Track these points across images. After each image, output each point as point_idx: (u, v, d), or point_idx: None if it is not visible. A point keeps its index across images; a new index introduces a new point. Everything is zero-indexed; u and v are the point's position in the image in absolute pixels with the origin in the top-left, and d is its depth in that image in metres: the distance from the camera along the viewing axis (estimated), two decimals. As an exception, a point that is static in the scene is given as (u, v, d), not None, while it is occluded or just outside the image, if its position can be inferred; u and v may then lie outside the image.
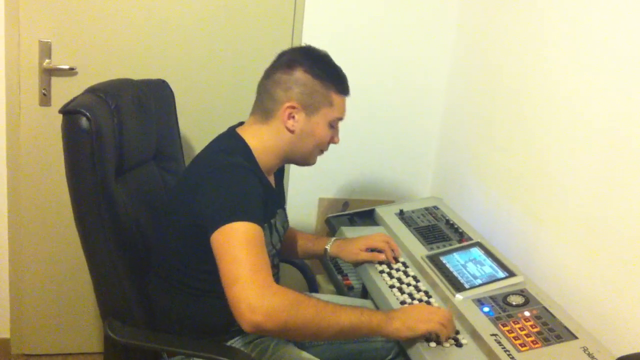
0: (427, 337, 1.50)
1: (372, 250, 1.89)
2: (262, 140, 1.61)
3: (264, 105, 1.62)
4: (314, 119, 1.60)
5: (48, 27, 2.30)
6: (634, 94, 1.60)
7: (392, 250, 1.91)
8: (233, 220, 1.36)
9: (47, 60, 2.32)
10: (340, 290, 2.05)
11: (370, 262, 1.88)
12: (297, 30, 2.50)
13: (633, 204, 1.59)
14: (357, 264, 1.91)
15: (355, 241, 1.91)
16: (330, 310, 1.38)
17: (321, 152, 1.70)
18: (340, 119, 1.67)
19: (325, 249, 1.92)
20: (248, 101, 1.69)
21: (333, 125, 1.65)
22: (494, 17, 2.35)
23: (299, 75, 1.58)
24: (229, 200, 1.41)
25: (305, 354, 1.65)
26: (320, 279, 2.47)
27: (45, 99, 2.35)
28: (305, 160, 1.69)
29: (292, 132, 1.60)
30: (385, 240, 1.91)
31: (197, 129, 2.45)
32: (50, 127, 2.35)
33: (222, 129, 1.70)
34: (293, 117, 1.59)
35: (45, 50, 2.31)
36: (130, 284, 1.58)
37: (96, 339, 2.61)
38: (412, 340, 1.50)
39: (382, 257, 1.87)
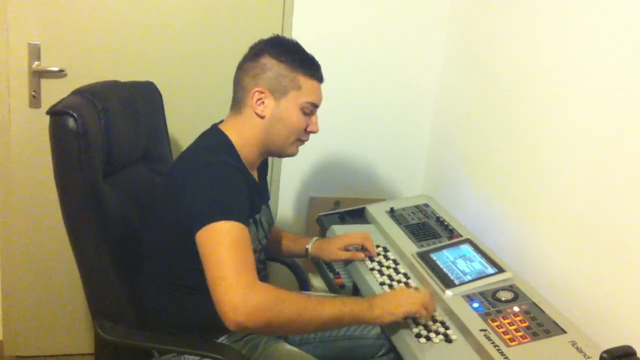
0: (417, 329, 1.53)
1: (353, 249, 1.91)
2: (239, 132, 1.62)
3: (236, 96, 1.65)
4: (282, 103, 1.60)
5: (37, 29, 2.29)
6: (625, 93, 1.61)
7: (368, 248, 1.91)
8: (217, 220, 1.37)
9: (36, 63, 2.32)
10: (332, 289, 2.06)
11: (351, 260, 1.89)
12: (287, 30, 2.50)
13: (621, 202, 1.60)
14: (347, 264, 1.92)
15: (333, 241, 1.92)
16: (313, 304, 1.40)
17: (301, 141, 1.69)
18: (314, 105, 1.65)
19: (306, 249, 1.94)
20: (236, 103, 1.69)
21: (306, 112, 1.63)
22: (485, 15, 2.35)
23: (265, 61, 1.60)
24: (213, 199, 1.42)
25: (295, 350, 1.65)
26: (312, 277, 2.48)
27: (35, 100, 2.35)
28: (283, 149, 1.68)
29: (262, 117, 1.61)
30: (362, 237, 1.91)
31: (186, 131, 2.43)
32: (40, 128, 2.35)
33: (211, 130, 1.70)
34: (262, 102, 1.60)
35: (35, 52, 2.31)
36: (120, 283, 1.59)
37: (88, 339, 2.61)
38: (399, 330, 1.52)
39: (360, 256, 1.88)
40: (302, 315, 1.37)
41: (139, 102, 1.86)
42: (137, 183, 1.81)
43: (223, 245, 1.35)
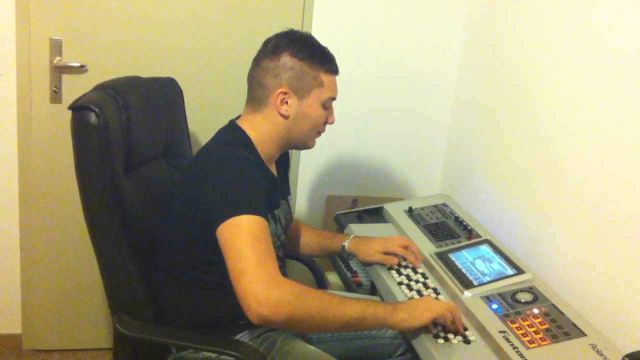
0: (436, 330, 1.51)
1: (389, 253, 1.87)
2: (259, 130, 1.62)
3: (256, 94, 1.63)
4: (306, 101, 1.61)
5: (58, 25, 2.31)
6: (644, 90, 1.59)
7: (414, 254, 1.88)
8: (238, 214, 1.37)
9: (57, 58, 2.33)
10: (349, 287, 2.05)
11: (383, 265, 1.86)
12: (307, 26, 2.50)
13: (643, 201, 1.58)
14: (370, 265, 1.90)
15: (372, 242, 1.88)
16: (336, 302, 1.39)
17: (318, 133, 1.70)
18: (333, 98, 1.66)
19: (343, 246, 1.91)
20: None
21: (326, 106, 1.65)
22: (502, 15, 2.34)
23: (286, 60, 1.59)
24: (233, 194, 1.42)
25: (312, 349, 1.65)
26: (329, 275, 2.47)
27: (56, 96, 2.37)
28: (304, 143, 1.69)
29: (286, 117, 1.61)
30: (403, 244, 1.87)
31: (206, 127, 2.43)
32: (61, 124, 2.37)
33: (230, 126, 1.70)
34: (286, 102, 1.60)
35: (56, 47, 2.32)
36: (139, 278, 1.60)
37: (106, 334, 2.63)
38: (419, 334, 1.50)
39: (394, 261, 1.84)
40: (324, 312, 1.36)
41: (160, 98, 1.86)
42: (157, 179, 1.82)
43: (245, 239, 1.35)
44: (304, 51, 1.60)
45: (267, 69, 1.61)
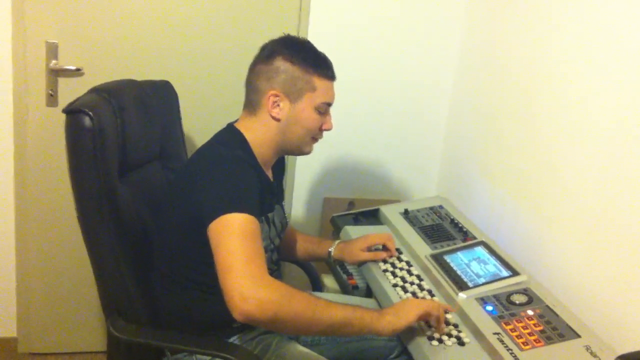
0: (430, 332, 1.52)
1: (375, 249, 1.90)
2: (254, 133, 1.63)
3: (250, 98, 1.65)
4: (298, 105, 1.61)
5: (55, 28, 2.31)
6: None
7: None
8: (229, 212, 1.37)
9: (53, 61, 2.33)
10: (345, 290, 2.06)
11: (374, 261, 1.88)
12: (303, 29, 2.50)
13: (639, 204, 1.58)
14: (361, 264, 1.91)
15: (355, 242, 1.91)
16: (323, 305, 1.39)
17: (314, 139, 1.70)
18: (328, 104, 1.66)
19: (329, 252, 1.93)
20: (250, 102, 1.69)
21: (321, 111, 1.64)
22: (501, 15, 2.34)
23: (279, 63, 1.59)
24: (226, 192, 1.42)
25: (307, 351, 1.65)
26: (325, 278, 2.47)
27: (52, 99, 2.37)
28: (299, 148, 1.69)
29: (278, 120, 1.61)
30: (383, 236, 1.91)
31: (201, 130, 2.44)
32: (57, 127, 2.36)
33: (226, 129, 1.69)
34: (278, 105, 1.60)
35: (52, 51, 2.32)
36: (133, 281, 1.59)
37: (101, 337, 2.62)
38: (414, 336, 1.51)
39: (383, 255, 1.88)
40: (310, 314, 1.36)
41: (155, 101, 1.86)
42: (152, 182, 1.82)
43: (234, 236, 1.35)
44: (298, 55, 1.60)
45: (260, 73, 1.62)
